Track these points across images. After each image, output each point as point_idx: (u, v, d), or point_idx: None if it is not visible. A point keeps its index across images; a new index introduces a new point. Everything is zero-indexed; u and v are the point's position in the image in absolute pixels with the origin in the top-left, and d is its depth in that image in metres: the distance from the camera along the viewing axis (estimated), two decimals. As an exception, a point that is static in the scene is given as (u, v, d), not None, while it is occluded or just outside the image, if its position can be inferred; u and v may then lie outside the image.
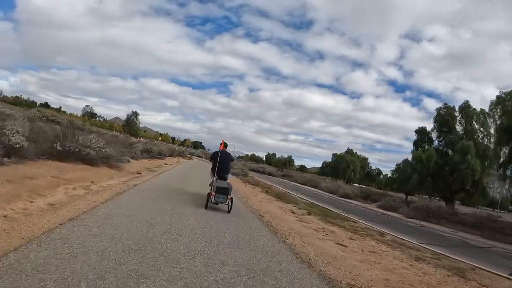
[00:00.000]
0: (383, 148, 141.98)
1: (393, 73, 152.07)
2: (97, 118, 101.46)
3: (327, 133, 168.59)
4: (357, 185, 58.05)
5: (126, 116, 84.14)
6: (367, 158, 67.93)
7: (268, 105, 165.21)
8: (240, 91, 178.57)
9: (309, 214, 10.51)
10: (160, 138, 74.51)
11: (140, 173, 11.06)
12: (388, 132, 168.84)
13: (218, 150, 7.44)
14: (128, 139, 29.97)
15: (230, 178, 7.65)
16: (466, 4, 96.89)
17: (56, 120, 28.82)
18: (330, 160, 67.84)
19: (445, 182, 36.01)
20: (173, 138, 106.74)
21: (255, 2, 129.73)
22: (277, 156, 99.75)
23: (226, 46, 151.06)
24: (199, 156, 61.06)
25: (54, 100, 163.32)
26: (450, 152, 35.79)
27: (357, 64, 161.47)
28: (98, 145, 9.94)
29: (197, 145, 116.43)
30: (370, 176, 67.65)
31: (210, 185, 7.22)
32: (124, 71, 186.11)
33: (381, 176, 73.16)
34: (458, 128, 35.65)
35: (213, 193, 6.51)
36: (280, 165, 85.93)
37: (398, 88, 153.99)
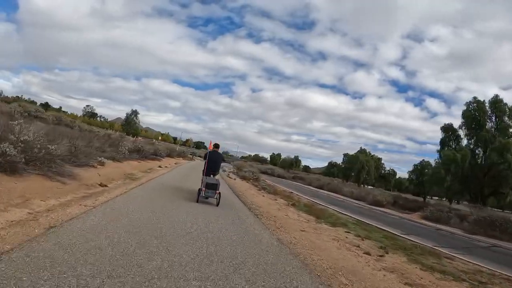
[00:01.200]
0: (386, 148, 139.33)
1: (395, 73, 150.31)
2: (98, 118, 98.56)
3: (330, 133, 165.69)
4: (372, 187, 53.53)
5: (125, 115, 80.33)
6: (381, 158, 63.23)
7: (270, 106, 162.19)
8: (242, 91, 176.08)
9: (386, 252, 6.22)
10: (160, 138, 70.45)
11: (106, 186, 6.80)
12: (390, 132, 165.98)
13: (208, 150, 8.59)
14: (123, 138, 25.96)
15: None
16: (468, 4, 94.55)
17: (40, 116, 25.05)
18: (342, 160, 63.30)
19: (476, 184, 31.88)
20: (174, 138, 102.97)
21: (258, 3, 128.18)
22: (282, 157, 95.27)
23: (229, 46, 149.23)
24: (201, 157, 56.85)
25: (57, 101, 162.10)
26: (480, 151, 32.00)
27: (359, 65, 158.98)
28: (27, 138, 5.69)
29: (199, 145, 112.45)
30: (384, 177, 62.85)
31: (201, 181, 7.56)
32: (126, 71, 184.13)
33: (395, 178, 68.55)
34: (489, 124, 31.64)
35: (204, 189, 7.21)
36: (286, 165, 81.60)
37: (401, 88, 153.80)
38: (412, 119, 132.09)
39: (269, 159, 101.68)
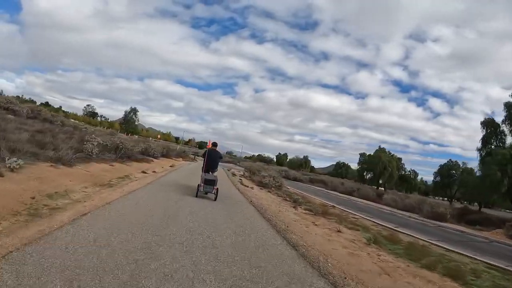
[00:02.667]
0: (389, 148, 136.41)
1: (398, 73, 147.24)
2: (99, 118, 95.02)
3: (333, 133, 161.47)
4: (394, 191, 47.88)
5: (124, 113, 75.46)
6: (401, 158, 57.11)
7: (273, 106, 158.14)
8: (245, 92, 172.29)
9: None
10: (158, 136, 65.39)
11: None
12: (393, 132, 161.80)
13: (206, 149, 9.24)
14: (113, 136, 20.93)
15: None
16: (470, 4, 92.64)
17: (12, 108, 20.15)
18: (358, 161, 57.35)
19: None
20: (177, 138, 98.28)
21: (261, 4, 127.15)
22: (289, 157, 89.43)
23: (232, 47, 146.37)
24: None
25: (59, 101, 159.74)
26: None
27: (362, 65, 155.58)
28: None
29: (202, 145, 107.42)
30: (405, 180, 56.67)
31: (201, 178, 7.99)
32: (129, 72, 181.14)
33: (416, 180, 62.61)
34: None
35: (202, 184, 7.68)
36: (295, 166, 75.95)
37: (403, 89, 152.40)
38: (415, 119, 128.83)
39: (275, 159, 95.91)
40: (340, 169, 77.89)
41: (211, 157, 8.47)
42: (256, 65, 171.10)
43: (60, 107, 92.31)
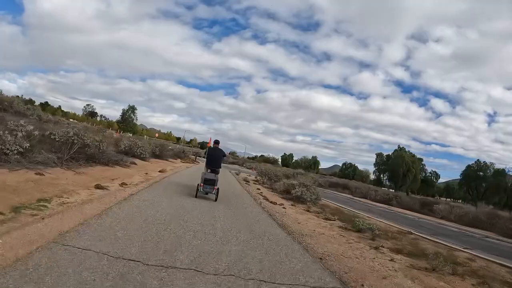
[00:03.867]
0: (391, 148, 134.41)
1: (400, 73, 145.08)
2: (99, 118, 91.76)
3: (335, 133, 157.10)
4: (418, 196, 42.79)
5: (121, 112, 70.88)
6: (422, 159, 51.79)
7: (275, 106, 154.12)
8: (247, 92, 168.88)
9: None
10: (157, 135, 60.84)
11: None
12: (395, 132, 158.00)
13: (207, 147, 8.91)
14: (100, 132, 16.37)
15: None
16: (472, 5, 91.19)
17: None
18: (375, 161, 52.24)
19: None
20: (178, 138, 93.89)
21: (263, 5, 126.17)
22: (295, 158, 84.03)
23: (234, 48, 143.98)
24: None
25: (62, 102, 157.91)
26: None
27: (364, 65, 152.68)
28: None
29: (204, 145, 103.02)
30: (427, 182, 51.18)
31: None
32: (132, 73, 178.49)
33: (436, 182, 57.35)
34: None
35: (202, 184, 7.17)
36: (303, 167, 70.84)
37: (405, 89, 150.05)
38: (417, 120, 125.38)
39: (279, 160, 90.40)
40: (347, 170, 72.83)
41: (213, 155, 7.89)
42: (258, 65, 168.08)
43: (59, 106, 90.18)
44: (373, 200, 22.09)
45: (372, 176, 59.82)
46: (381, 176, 51.70)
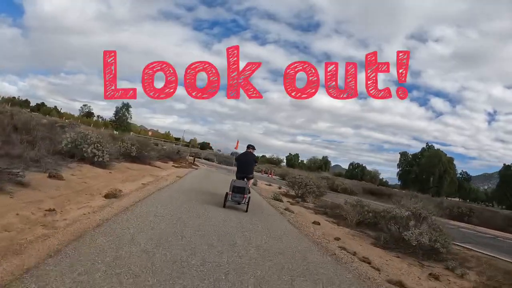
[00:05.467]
0: (391, 148, 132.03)
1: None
2: (96, 118, 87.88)
3: (335, 134, 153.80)
4: (459, 200, 36.53)
5: (115, 109, 65.04)
6: (453, 158, 45.16)
7: (275, 107, 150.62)
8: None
9: None
10: (150, 133, 54.70)
11: None
12: (396, 132, 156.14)
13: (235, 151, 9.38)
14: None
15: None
16: (472, 4, 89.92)
17: None
18: (399, 160, 45.67)
19: None
20: (177, 139, 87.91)
21: (263, 6, 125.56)
22: (301, 159, 77.08)
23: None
24: (208, 159, 39.90)
25: (62, 104, 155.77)
26: None
27: (364, 65, 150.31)
28: None
29: (204, 146, 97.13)
30: (458, 184, 44.68)
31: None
32: (133, 74, 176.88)
33: (471, 184, 50.64)
34: None
35: (231, 192, 6.42)
36: (313, 169, 64.47)
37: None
38: (418, 119, 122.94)
39: (285, 160, 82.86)
40: (354, 170, 66.88)
41: (243, 161, 7.27)
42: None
43: (55, 107, 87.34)
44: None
45: (380, 176, 53.63)
46: (407, 177, 45.17)
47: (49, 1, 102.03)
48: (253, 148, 7.37)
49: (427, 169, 38.97)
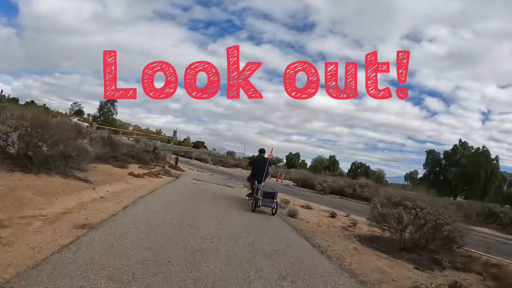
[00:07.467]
0: (386, 147, 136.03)
1: (394, 73, 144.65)
2: (86, 116, 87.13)
3: (330, 133, 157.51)
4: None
5: (99, 103, 62.44)
6: (498, 157, 36.67)
7: (271, 107, 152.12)
8: (243, 93, 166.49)
9: None
10: (131, 128, 53.76)
11: None
12: (390, 131, 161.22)
13: (256, 156, 9.14)
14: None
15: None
16: (467, 4, 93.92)
17: None
18: (425, 160, 40.25)
19: None
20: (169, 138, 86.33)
21: (258, 6, 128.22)
22: (302, 158, 72.84)
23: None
24: (200, 160, 35.97)
25: (56, 104, 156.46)
26: None
27: (359, 65, 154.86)
28: None
29: (198, 145, 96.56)
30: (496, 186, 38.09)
31: (249, 189, 7.88)
32: (128, 75, 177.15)
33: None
34: None
35: (261, 198, 6.81)
36: (318, 170, 59.58)
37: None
38: (412, 118, 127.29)
39: (284, 160, 76.77)
40: (357, 170, 64.72)
41: (259, 166, 7.70)
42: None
43: (44, 104, 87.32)
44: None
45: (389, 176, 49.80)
46: (436, 179, 38.71)
47: (44, 1, 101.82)
48: (264, 152, 8.10)
49: (469, 172, 31.86)
